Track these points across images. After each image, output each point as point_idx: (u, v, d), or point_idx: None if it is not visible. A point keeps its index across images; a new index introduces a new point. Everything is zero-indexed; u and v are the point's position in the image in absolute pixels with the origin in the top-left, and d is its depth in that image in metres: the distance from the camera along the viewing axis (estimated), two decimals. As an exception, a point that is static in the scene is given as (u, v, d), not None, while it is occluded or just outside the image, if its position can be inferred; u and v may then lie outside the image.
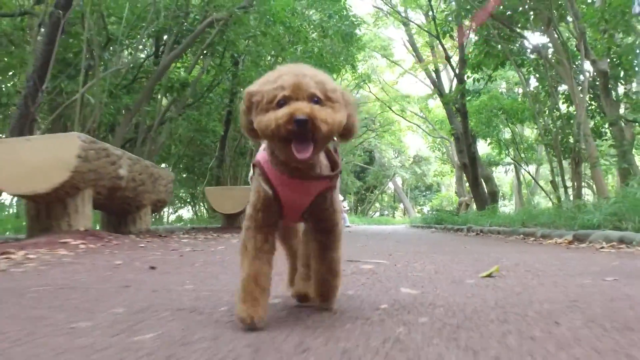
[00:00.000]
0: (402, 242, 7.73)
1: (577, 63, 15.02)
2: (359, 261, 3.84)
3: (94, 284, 2.56)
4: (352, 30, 19.94)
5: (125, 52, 14.27)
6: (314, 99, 1.44)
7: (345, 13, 20.33)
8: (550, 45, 14.55)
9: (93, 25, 10.44)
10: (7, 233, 5.69)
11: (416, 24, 22.04)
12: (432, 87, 23.64)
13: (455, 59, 21.16)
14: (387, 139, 41.36)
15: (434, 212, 28.82)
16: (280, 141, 1.44)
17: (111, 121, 12.29)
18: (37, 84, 10.04)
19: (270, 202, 1.61)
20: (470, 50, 16.80)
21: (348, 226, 23.21)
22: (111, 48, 12.01)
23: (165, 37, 14.20)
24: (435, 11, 19.67)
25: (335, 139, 1.62)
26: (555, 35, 14.14)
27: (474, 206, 22.30)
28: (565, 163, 14.32)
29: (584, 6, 14.75)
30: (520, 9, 14.23)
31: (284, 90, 1.43)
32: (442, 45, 19.30)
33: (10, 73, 14.33)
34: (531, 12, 14.20)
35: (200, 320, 1.67)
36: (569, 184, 13.88)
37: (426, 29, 20.74)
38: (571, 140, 13.87)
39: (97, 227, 6.73)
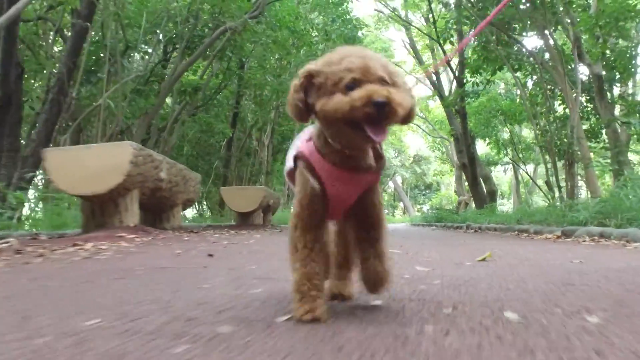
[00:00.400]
0: (407, 237, 8.54)
1: (570, 66, 15.75)
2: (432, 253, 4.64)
3: (178, 266, 3.34)
4: (354, 34, 20.67)
5: (137, 57, 15.01)
6: (382, 82, 1.41)
7: (347, 17, 21.10)
8: (545, 48, 15.29)
9: (114, 34, 11.19)
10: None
11: (417, 28, 22.81)
12: (432, 89, 24.37)
13: (455, 61, 21.93)
14: (388, 138, 42.06)
15: (434, 211, 29.65)
16: (348, 125, 1.41)
17: (127, 124, 13.04)
18: (63, 91, 10.86)
19: (318, 197, 1.58)
20: (470, 55, 17.57)
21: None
22: (130, 54, 12.76)
23: (174, 41, 14.98)
24: (435, 15, 20.46)
25: None
26: (550, 41, 14.91)
27: (473, 205, 23.10)
28: (560, 164, 15.10)
29: (579, 8, 15.43)
30: (517, 16, 14.94)
31: (353, 73, 1.39)
32: (442, 49, 20.06)
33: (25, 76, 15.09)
34: (528, 20, 14.93)
35: (279, 281, 2.44)
36: (563, 184, 14.64)
37: (426, 33, 21.50)
38: (566, 141, 14.62)
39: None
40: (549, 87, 16.24)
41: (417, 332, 1.38)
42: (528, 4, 14.35)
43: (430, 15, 21.05)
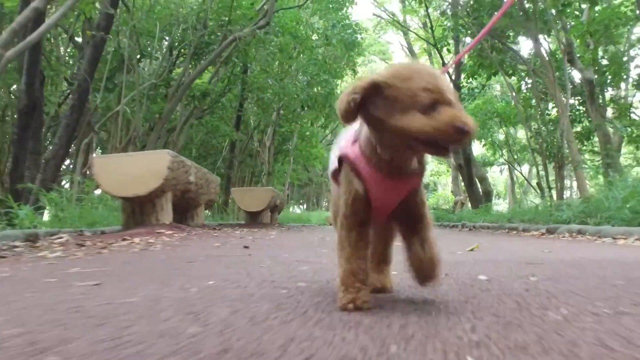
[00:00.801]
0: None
1: (562, 70, 16.62)
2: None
3: (227, 254, 4.19)
4: (354, 39, 21.49)
5: (149, 64, 15.83)
6: (452, 103, 1.47)
7: (347, 21, 21.93)
8: (537, 55, 16.17)
9: (132, 44, 12.04)
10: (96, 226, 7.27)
11: (414, 33, 23.69)
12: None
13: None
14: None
15: (431, 211, 30.45)
16: (422, 142, 1.48)
17: (143, 128, 13.88)
18: (83, 98, 11.69)
19: (362, 200, 1.66)
20: (466, 60, 18.43)
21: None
22: (142, 62, 13.59)
23: (182, 48, 15.80)
24: (432, 20, 21.30)
25: None
26: (542, 49, 15.81)
27: (469, 205, 23.97)
28: (551, 165, 15.99)
29: (572, 15, 16.28)
30: (511, 25, 15.79)
31: (432, 94, 1.44)
32: (440, 54, 20.90)
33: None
34: (520, 30, 15.79)
35: (316, 264, 3.29)
36: (553, 185, 15.53)
37: (424, 38, 22.36)
38: (556, 144, 15.48)
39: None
40: (541, 91, 17.15)
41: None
42: (521, 13, 15.21)
43: (428, 20, 21.87)
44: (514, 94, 17.74)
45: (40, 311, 1.65)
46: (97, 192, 10.38)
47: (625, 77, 19.74)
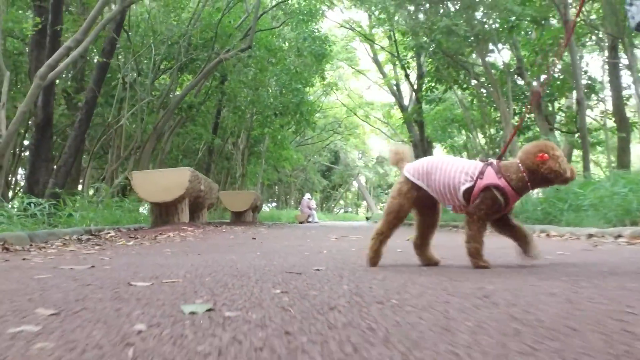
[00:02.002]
0: (367, 231, 11.65)
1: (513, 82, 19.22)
2: (348, 236, 7.74)
3: (245, 243, 6.34)
4: (323, 51, 23.62)
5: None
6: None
7: (317, 34, 24.04)
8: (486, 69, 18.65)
9: (130, 65, 14.05)
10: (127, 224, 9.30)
11: (380, 45, 26.00)
12: (394, 99, 27.53)
13: (413, 76, 25.16)
14: (352, 141, 45.93)
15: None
16: (562, 179, 2.98)
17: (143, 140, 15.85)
18: (89, 113, 13.65)
19: (501, 205, 2.98)
20: (424, 76, 20.82)
21: (317, 222, 26.92)
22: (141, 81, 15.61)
23: (168, 61, 17.76)
24: (395, 33, 23.57)
25: None
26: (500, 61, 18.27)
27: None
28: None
29: (526, 29, 18.81)
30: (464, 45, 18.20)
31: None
32: (403, 67, 23.23)
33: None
34: (472, 50, 18.21)
35: (318, 246, 5.47)
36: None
37: (388, 51, 24.68)
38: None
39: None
40: (488, 104, 19.70)
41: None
42: (472, 38, 17.62)
43: (392, 34, 24.11)
44: (466, 106, 20.13)
45: (200, 266, 3.81)
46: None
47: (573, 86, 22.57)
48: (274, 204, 45.12)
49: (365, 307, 1.76)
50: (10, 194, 16.24)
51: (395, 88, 26.48)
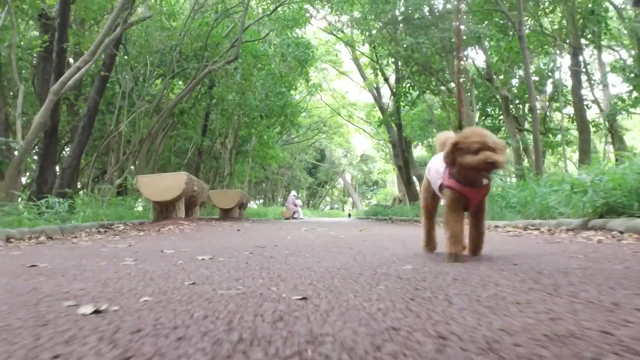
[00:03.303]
0: (346, 226, 13.55)
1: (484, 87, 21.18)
2: (316, 229, 9.59)
3: (231, 234, 8.14)
4: (306, 57, 25.34)
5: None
6: (492, 149, 2.87)
7: (301, 39, 25.74)
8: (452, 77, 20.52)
9: (131, 81, 15.82)
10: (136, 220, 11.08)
11: (360, 51, 27.82)
12: (374, 101, 29.35)
13: (393, 78, 26.93)
14: (337, 140, 47.94)
15: (373, 206, 34.97)
16: (475, 170, 2.92)
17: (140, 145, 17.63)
18: (91, 120, 15.38)
19: (458, 200, 3.11)
20: (401, 81, 22.70)
21: (302, 218, 28.62)
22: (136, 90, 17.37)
23: (160, 68, 19.50)
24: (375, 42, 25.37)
25: None
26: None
27: (407, 201, 28.36)
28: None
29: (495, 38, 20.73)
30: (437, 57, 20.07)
31: (478, 144, 2.87)
32: (382, 71, 25.04)
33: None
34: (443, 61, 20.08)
35: (303, 238, 7.30)
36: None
37: (368, 56, 26.48)
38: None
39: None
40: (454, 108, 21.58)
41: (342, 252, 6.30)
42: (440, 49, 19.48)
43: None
44: (433, 112, 22.05)
45: (200, 244, 5.63)
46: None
47: (542, 90, 24.82)
48: (261, 201, 46.87)
49: (283, 257, 3.60)
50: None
51: (375, 91, 28.27)
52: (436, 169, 3.42)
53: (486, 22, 17.49)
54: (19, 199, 11.73)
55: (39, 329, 1.49)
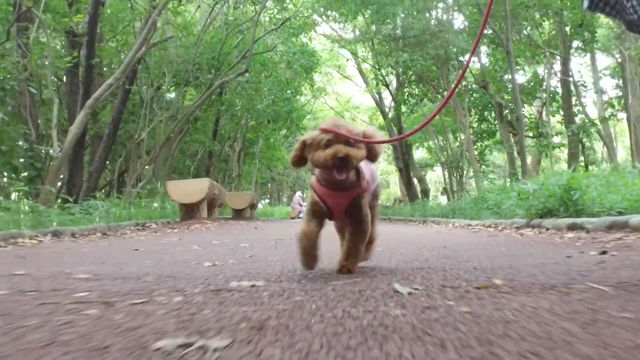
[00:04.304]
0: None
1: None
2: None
3: (249, 231, 9.95)
4: (311, 64, 27.08)
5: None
6: (347, 143, 2.47)
7: (306, 48, 27.46)
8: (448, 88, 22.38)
9: (151, 91, 17.65)
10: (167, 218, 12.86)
11: (361, 58, 29.59)
12: (376, 105, 31.08)
13: (394, 84, 28.64)
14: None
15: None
16: (324, 168, 2.54)
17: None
18: (116, 129, 17.21)
19: (318, 204, 2.72)
20: (401, 87, 24.52)
21: (308, 219, 30.30)
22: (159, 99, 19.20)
23: (176, 77, 21.32)
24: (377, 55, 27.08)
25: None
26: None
27: (408, 201, 30.14)
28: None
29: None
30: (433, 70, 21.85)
31: (327, 136, 2.48)
32: (383, 78, 26.78)
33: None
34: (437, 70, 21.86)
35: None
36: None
37: (371, 64, 28.19)
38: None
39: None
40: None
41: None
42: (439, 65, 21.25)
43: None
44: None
45: (231, 237, 7.45)
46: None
47: (537, 95, 26.65)
48: (267, 201, 48.68)
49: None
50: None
51: (377, 96, 30.02)
52: None
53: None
54: (58, 201, 13.44)
55: (193, 272, 3.26)
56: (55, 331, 1.54)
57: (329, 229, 2.99)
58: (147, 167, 17.44)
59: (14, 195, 14.92)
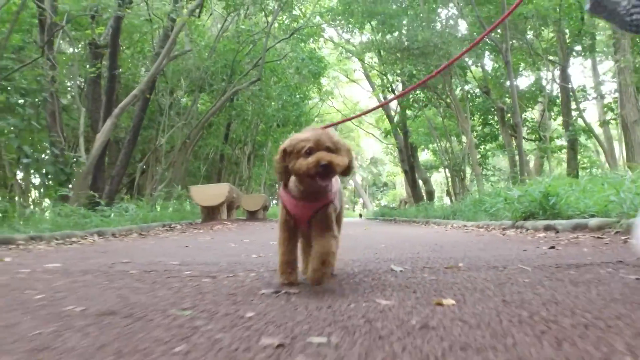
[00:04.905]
0: (361, 225, 16.54)
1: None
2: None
3: (267, 230, 11.14)
4: (319, 70, 28.27)
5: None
6: (329, 150, 2.42)
7: (315, 53, 28.65)
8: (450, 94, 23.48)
9: (170, 99, 18.89)
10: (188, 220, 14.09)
11: (368, 64, 30.81)
12: (382, 109, 32.28)
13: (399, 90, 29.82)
14: (348, 143, 50.80)
15: (381, 208, 38.02)
16: (308, 176, 2.43)
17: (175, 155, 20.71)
18: (136, 135, 18.44)
19: (289, 214, 2.69)
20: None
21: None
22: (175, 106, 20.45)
23: (192, 85, 22.58)
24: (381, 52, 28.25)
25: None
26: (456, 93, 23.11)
27: (413, 203, 31.34)
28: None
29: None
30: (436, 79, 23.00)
31: (310, 143, 2.42)
32: (389, 82, 27.97)
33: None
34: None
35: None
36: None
37: (378, 70, 29.41)
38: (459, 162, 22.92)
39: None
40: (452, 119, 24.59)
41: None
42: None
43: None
44: (433, 125, 25.11)
45: (253, 236, 8.65)
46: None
47: (539, 102, 27.78)
48: (275, 202, 49.82)
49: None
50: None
51: (383, 100, 31.17)
52: None
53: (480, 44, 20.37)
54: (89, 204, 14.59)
55: (248, 260, 4.43)
56: (198, 287, 2.75)
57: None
58: (166, 172, 18.64)
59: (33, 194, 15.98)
